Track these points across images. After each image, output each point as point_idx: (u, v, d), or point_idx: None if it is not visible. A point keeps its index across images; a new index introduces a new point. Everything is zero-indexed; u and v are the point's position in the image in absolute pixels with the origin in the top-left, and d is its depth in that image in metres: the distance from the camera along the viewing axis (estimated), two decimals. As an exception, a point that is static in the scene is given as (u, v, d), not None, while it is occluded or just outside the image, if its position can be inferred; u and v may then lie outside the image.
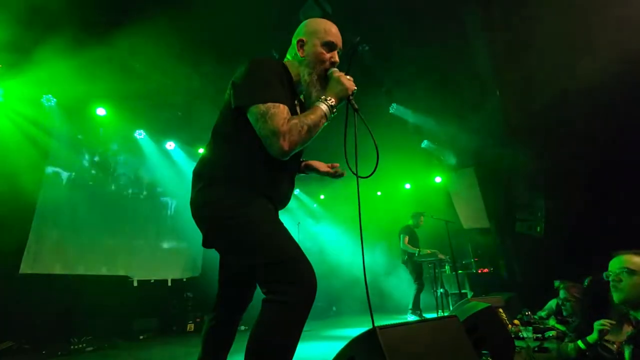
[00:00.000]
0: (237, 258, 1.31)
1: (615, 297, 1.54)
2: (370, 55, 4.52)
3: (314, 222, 8.37)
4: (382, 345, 1.15)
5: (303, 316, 1.14)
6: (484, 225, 7.34)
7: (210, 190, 1.30)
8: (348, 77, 1.38)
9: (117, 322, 4.66)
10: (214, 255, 1.46)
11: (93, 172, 5.20)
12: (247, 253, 1.23)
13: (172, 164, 6.37)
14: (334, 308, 7.69)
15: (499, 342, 2.10)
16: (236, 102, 1.29)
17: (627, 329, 1.73)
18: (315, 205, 9.19)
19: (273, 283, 1.16)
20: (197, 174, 1.37)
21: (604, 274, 1.65)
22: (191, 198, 1.37)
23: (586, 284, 2.55)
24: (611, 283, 1.56)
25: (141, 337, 4.80)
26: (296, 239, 1.26)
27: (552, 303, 4.41)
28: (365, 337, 1.24)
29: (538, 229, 6.42)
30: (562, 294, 2.63)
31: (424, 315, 5.29)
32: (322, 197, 9.15)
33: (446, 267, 6.61)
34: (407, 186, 8.55)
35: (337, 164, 1.74)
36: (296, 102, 1.44)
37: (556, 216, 6.01)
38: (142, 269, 5.53)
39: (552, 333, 2.93)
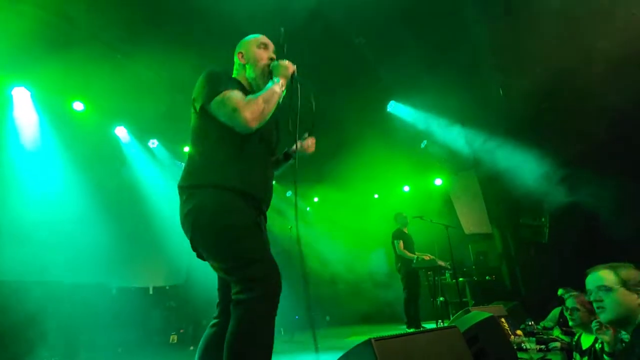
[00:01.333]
0: (214, 263, 1.47)
1: (602, 317, 1.55)
2: (366, 49, 4.55)
3: (307, 227, 8.36)
4: (378, 357, 1.16)
5: (269, 309, 1.32)
6: (486, 231, 7.41)
7: (191, 200, 1.48)
8: (286, 61, 1.65)
9: (94, 333, 4.59)
10: (199, 261, 1.55)
11: (69, 170, 5.13)
12: (221, 257, 1.44)
13: (155, 163, 6.32)
14: (328, 318, 7.69)
15: (501, 353, 2.12)
16: (198, 104, 1.52)
17: None
18: (308, 209, 9.18)
19: (241, 283, 1.35)
20: (180, 187, 1.55)
21: (586, 295, 1.68)
22: (179, 212, 1.55)
23: None
24: (594, 304, 1.58)
25: (119, 349, 4.75)
26: (287, 245, 1.32)
27: (556, 312, 4.46)
28: (360, 349, 1.24)
29: (542, 234, 6.52)
30: (569, 302, 2.67)
31: (422, 325, 5.31)
32: (315, 199, 9.16)
33: (446, 274, 6.66)
34: (406, 189, 8.60)
35: (307, 135, 1.91)
36: None
37: (562, 221, 6.08)
38: (121, 276, 5.47)
39: (556, 344, 2.97)
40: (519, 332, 3.38)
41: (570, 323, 2.69)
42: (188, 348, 4.83)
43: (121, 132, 5.77)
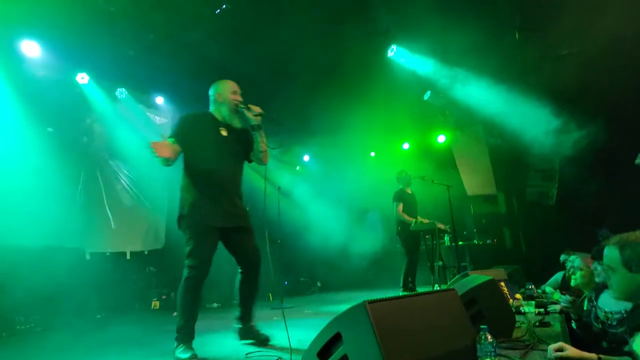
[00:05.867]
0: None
1: (613, 295, 1.64)
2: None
3: (297, 187, 8.41)
4: (372, 320, 1.21)
5: None
6: (490, 192, 7.57)
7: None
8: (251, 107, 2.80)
9: (69, 300, 4.71)
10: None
11: (32, 125, 4.96)
12: None
13: (125, 115, 6.14)
14: (319, 283, 8.00)
15: (499, 317, 2.24)
16: None
17: None
18: (298, 168, 9.18)
19: None
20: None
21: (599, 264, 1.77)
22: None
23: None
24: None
25: (98, 315, 4.92)
26: (276, 207, 1.27)
27: (557, 276, 4.71)
28: (352, 312, 1.30)
29: (550, 196, 6.69)
30: (576, 262, 2.82)
31: (417, 290, 5.57)
32: (306, 158, 9.14)
33: (445, 238, 6.88)
34: (406, 146, 8.60)
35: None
36: (221, 128, 2.80)
37: (572, 183, 6.20)
38: (94, 240, 5.53)
39: (555, 307, 3.15)
40: (518, 296, 3.58)
41: (572, 283, 2.85)
42: (171, 314, 5.01)
43: (83, 80, 5.52)
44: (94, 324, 4.59)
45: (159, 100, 6.44)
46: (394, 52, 5.76)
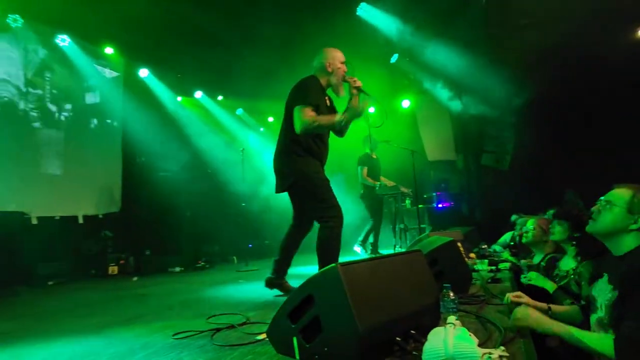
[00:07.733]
0: None
1: (588, 227, 1.64)
2: None
3: (261, 149, 8.25)
4: (344, 282, 1.21)
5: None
6: (450, 158, 7.84)
7: None
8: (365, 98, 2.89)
9: (14, 267, 4.44)
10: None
11: None
12: None
13: (70, 67, 5.58)
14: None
15: (457, 275, 2.38)
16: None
17: None
18: (262, 129, 8.97)
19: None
20: None
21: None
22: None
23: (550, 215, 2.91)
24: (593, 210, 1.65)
25: (50, 282, 4.70)
26: (240, 169, 1.22)
27: (506, 236, 5.07)
28: (325, 275, 1.30)
29: (504, 162, 7.05)
30: (529, 223, 3.03)
31: (379, 252, 5.79)
32: (270, 119, 8.92)
33: (407, 201, 7.12)
34: (371, 110, 8.58)
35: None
36: (326, 97, 2.93)
37: (525, 150, 6.56)
38: (41, 204, 5.15)
39: (505, 265, 3.42)
40: (472, 255, 3.82)
41: (524, 240, 3.09)
42: (131, 279, 4.89)
43: (16, 22, 4.88)
44: (45, 291, 4.38)
45: (109, 50, 5.90)
46: (363, 10, 5.58)
